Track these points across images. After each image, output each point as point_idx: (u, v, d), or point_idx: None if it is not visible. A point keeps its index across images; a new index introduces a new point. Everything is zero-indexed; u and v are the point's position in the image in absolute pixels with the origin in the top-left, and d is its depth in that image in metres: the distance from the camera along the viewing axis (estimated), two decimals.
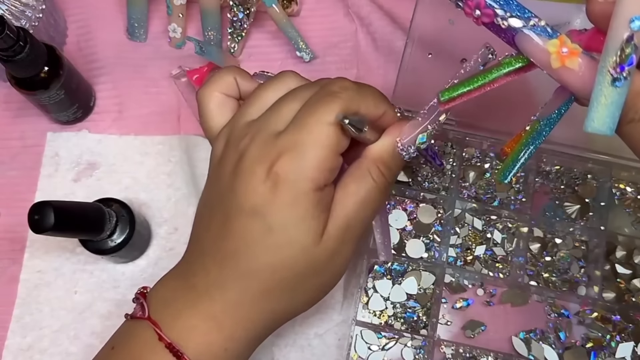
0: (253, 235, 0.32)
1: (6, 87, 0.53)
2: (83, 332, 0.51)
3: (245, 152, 0.33)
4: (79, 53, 0.59)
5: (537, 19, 0.28)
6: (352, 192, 0.34)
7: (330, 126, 0.32)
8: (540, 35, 0.28)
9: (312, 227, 0.32)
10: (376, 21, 0.60)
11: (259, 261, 0.33)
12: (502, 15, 0.28)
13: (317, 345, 0.51)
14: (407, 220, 0.55)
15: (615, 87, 0.26)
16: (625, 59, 0.25)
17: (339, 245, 0.34)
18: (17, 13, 0.51)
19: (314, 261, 0.33)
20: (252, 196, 0.32)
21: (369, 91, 0.35)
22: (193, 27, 0.60)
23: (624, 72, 0.26)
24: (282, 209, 0.32)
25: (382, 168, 0.35)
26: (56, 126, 0.57)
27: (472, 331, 0.52)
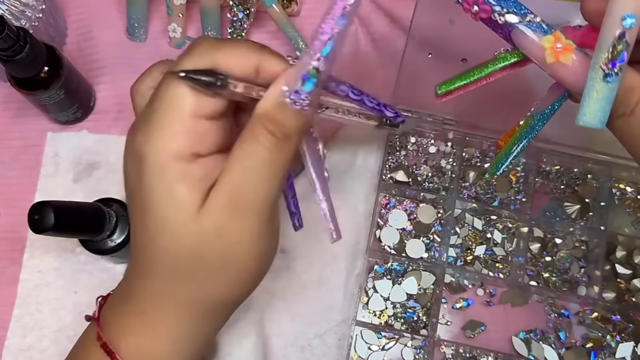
0: (135, 221, 0.30)
1: (6, 87, 0.53)
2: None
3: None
4: (79, 53, 0.59)
5: (533, 15, 0.29)
6: (237, 158, 0.29)
7: (177, 87, 0.28)
8: (535, 31, 0.28)
9: (182, 200, 0.28)
10: (376, 21, 0.60)
11: (149, 249, 0.30)
12: (499, 11, 0.28)
13: (317, 345, 0.51)
14: (407, 220, 0.55)
15: (607, 83, 0.27)
16: (617, 55, 0.26)
17: (227, 217, 0.29)
18: (17, 13, 0.51)
19: (200, 237, 0.29)
20: (127, 181, 0.30)
21: (232, 43, 0.30)
22: (193, 27, 0.60)
23: (615, 68, 0.27)
24: (147, 186, 0.29)
25: (270, 125, 0.29)
26: (56, 126, 0.57)
27: (472, 331, 0.52)
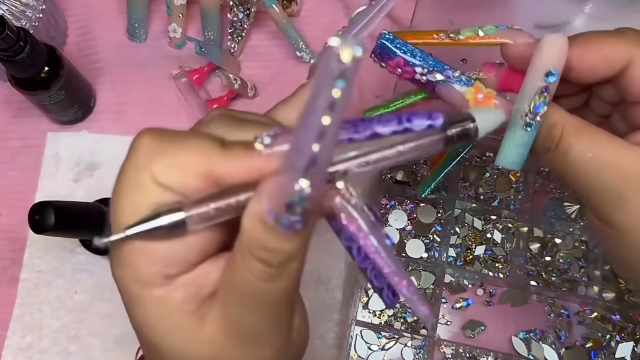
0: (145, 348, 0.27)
1: (6, 87, 0.53)
2: (83, 332, 0.51)
3: None
4: (79, 53, 0.59)
5: (452, 71, 0.30)
6: (228, 288, 0.24)
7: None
8: (457, 85, 0.30)
9: (174, 333, 0.24)
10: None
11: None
12: (421, 71, 0.30)
13: (317, 345, 0.51)
14: (407, 220, 0.55)
15: (527, 131, 0.29)
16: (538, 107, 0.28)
17: (232, 351, 0.25)
18: (17, 13, 0.51)
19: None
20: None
21: (172, 149, 0.24)
22: (193, 27, 0.60)
23: (536, 118, 0.29)
24: (136, 321, 0.26)
25: (261, 252, 0.23)
26: (56, 126, 0.57)
27: (472, 331, 0.52)
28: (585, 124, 0.30)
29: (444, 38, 0.33)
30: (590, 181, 0.30)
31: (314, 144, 0.19)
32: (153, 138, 0.24)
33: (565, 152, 0.30)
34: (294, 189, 0.20)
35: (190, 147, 0.23)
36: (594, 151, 0.29)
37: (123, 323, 0.51)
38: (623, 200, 0.29)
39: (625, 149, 0.29)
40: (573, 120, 0.30)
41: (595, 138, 0.30)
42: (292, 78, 0.59)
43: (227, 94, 0.57)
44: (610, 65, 0.30)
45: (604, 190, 0.30)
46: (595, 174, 0.29)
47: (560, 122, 0.30)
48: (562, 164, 0.30)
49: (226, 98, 0.57)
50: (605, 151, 0.29)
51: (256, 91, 0.58)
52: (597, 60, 0.30)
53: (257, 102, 0.58)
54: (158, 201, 0.23)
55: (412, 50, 0.31)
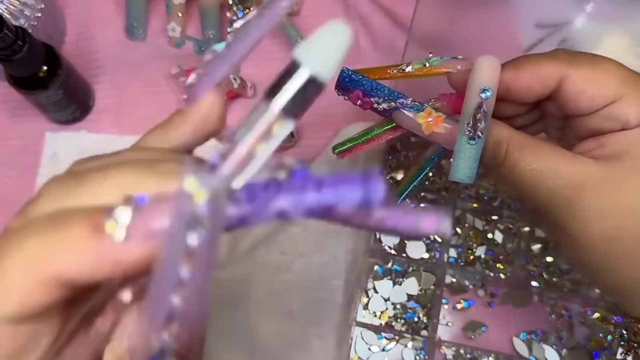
0: None
1: (4, 87, 0.53)
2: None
3: None
4: (77, 52, 0.59)
5: (405, 99, 0.33)
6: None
7: None
8: (410, 111, 0.33)
9: None
10: (376, 21, 0.59)
11: None
12: (377, 101, 0.34)
13: (317, 345, 0.51)
14: None
15: (471, 145, 0.32)
16: (477, 121, 0.32)
17: None
18: (15, 12, 0.50)
19: None
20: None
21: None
22: (192, 26, 0.60)
23: (477, 132, 0.32)
24: None
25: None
26: (55, 126, 0.57)
27: (472, 332, 0.51)
28: (529, 139, 0.33)
29: (395, 72, 0.37)
30: (538, 191, 0.32)
31: (171, 296, 0.16)
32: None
33: (512, 167, 0.32)
34: (151, 345, 0.17)
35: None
36: (538, 163, 0.32)
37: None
38: (571, 206, 0.31)
39: (568, 158, 0.32)
40: (517, 136, 0.33)
41: (539, 151, 0.32)
42: None
43: (226, 93, 0.56)
44: (544, 84, 0.32)
45: (552, 198, 0.32)
46: (542, 184, 0.32)
47: (505, 139, 0.33)
48: (510, 178, 0.33)
49: (225, 98, 0.56)
50: (549, 162, 0.32)
51: (256, 91, 0.58)
52: (531, 80, 0.33)
53: (257, 101, 0.58)
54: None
55: (369, 83, 0.34)
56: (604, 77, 0.32)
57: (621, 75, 0.32)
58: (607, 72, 0.32)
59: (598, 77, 0.32)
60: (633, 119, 0.31)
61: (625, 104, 0.31)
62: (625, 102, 0.31)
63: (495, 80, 0.32)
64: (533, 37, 0.48)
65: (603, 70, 0.32)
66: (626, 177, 0.31)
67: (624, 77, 0.32)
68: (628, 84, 0.31)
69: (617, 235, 0.31)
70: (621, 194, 0.31)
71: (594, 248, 0.32)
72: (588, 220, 0.31)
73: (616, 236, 0.31)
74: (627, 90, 0.31)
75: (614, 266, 0.32)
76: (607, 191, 0.31)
